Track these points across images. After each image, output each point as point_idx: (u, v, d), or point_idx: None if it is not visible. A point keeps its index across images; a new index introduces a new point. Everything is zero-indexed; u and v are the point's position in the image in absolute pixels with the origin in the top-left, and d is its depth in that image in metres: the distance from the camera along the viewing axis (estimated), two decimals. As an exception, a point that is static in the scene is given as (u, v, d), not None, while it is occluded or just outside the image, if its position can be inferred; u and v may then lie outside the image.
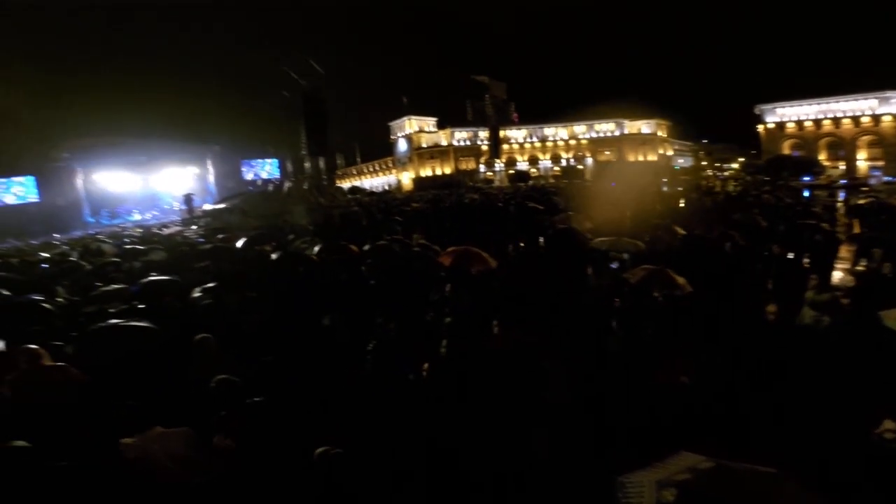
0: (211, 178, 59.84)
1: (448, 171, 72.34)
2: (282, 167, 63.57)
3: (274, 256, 8.85)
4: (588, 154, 74.10)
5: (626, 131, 74.92)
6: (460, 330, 4.90)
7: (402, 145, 73.50)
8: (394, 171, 74.92)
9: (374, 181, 75.44)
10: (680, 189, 26.11)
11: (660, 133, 77.13)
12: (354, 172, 77.66)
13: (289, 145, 62.05)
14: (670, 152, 79.27)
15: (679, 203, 17.56)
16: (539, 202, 15.47)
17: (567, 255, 6.43)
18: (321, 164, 56.00)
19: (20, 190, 53.44)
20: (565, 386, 3.79)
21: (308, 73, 58.82)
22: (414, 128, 72.45)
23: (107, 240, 19.97)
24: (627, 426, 3.46)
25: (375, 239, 10.20)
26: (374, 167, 78.49)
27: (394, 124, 74.35)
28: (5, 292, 8.90)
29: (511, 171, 69.13)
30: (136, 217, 49.19)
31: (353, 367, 4.44)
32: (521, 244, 7.70)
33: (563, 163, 74.80)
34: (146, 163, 53.98)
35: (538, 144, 77.45)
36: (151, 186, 55.37)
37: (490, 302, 5.17)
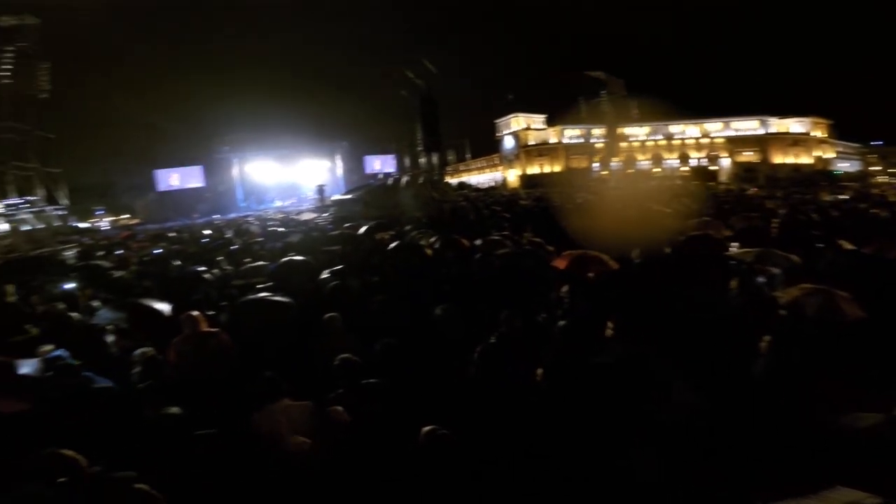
0: (339, 171, 66.56)
1: (557, 169, 70.09)
2: (399, 162, 67.43)
3: (392, 245, 9.33)
4: (724, 154, 66.21)
5: (771, 130, 65.37)
6: (575, 334, 4.66)
7: (509, 142, 72.88)
8: (500, 168, 74.73)
9: (481, 178, 76.04)
10: (843, 197, 22.05)
11: (816, 133, 65.90)
12: (461, 169, 79.08)
13: (406, 142, 65.40)
14: (830, 154, 67.33)
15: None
16: (666, 205, 14.16)
17: (702, 264, 5.75)
18: (434, 159, 58.14)
19: (192, 178, 64.64)
20: (686, 405, 3.40)
21: (423, 74, 61.48)
22: (521, 125, 71.31)
23: (254, 222, 23.10)
24: (765, 454, 2.98)
25: (483, 234, 10.23)
26: (480, 164, 79.14)
27: (500, 122, 73.80)
28: (177, 262, 10.69)
29: (629, 171, 64.62)
30: (278, 203, 56.16)
31: (463, 359, 4.46)
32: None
33: (693, 163, 67.80)
34: (287, 156, 62.45)
35: (663, 142, 71.28)
36: (291, 177, 63.38)
37: (609, 307, 4.83)
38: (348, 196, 35.14)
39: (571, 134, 72.72)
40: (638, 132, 72.40)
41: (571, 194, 21.78)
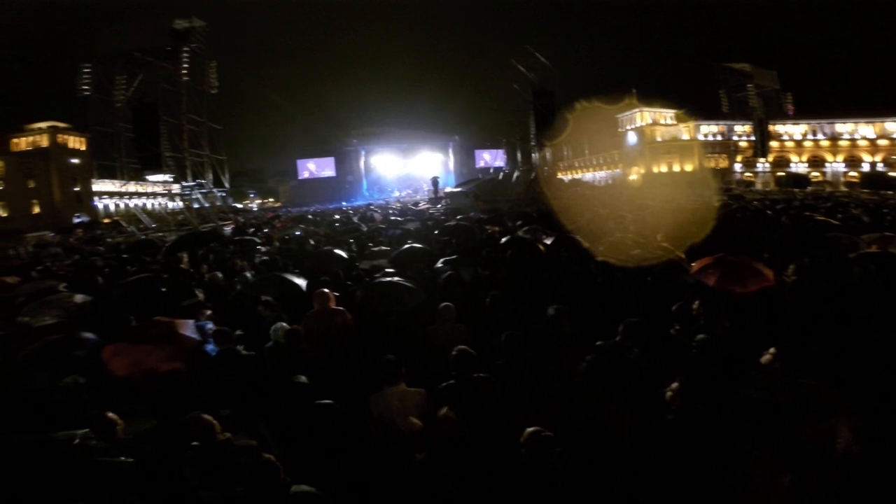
0: (451, 164, 68.85)
1: (689, 168, 63.44)
2: (510, 157, 67.13)
3: (503, 240, 9.27)
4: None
5: None
6: (715, 353, 4.14)
7: (632, 138, 67.60)
8: (620, 165, 69.83)
9: (598, 175, 71.93)
10: None
11: None
12: (577, 165, 75.53)
13: (519, 136, 64.64)
14: None
15: None
16: (829, 215, 12.00)
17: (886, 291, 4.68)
18: (548, 155, 56.59)
19: (325, 168, 72.32)
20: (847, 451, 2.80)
21: (536, 67, 59.96)
22: (646, 120, 65.62)
23: (376, 209, 24.85)
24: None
25: (600, 234, 9.64)
26: (598, 160, 74.75)
27: (622, 117, 68.67)
28: (312, 242, 11.84)
29: (780, 173, 56.10)
30: (396, 194, 59.81)
31: (573, 363, 4.22)
32: (806, 265, 6.00)
33: (866, 167, 56.54)
34: (406, 149, 66.73)
35: (825, 143, 60.61)
36: (409, 169, 67.30)
37: (758, 328, 4.20)
38: (459, 189, 35.86)
39: (708, 130, 65.30)
40: (793, 130, 62.46)
41: (708, 196, 19.53)
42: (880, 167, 54.87)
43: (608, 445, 3.20)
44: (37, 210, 51.36)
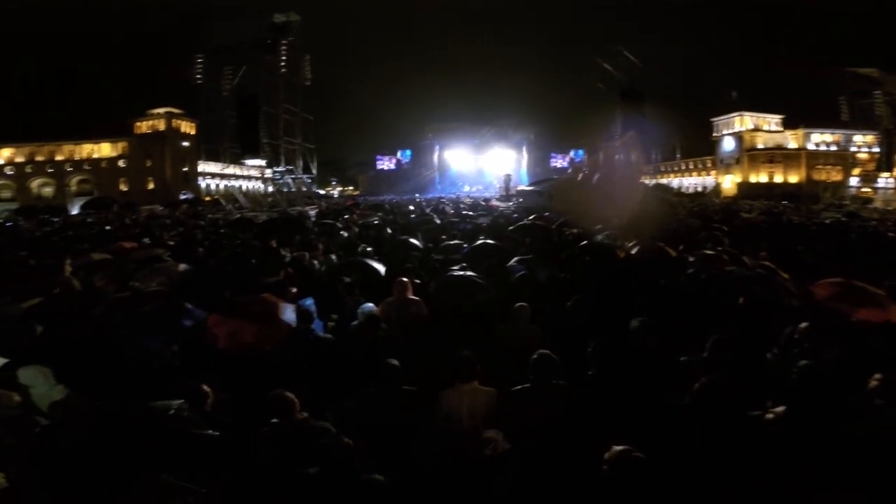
0: (525, 163, 67.99)
1: (795, 179, 57.22)
2: (590, 158, 64.81)
3: (583, 243, 8.92)
4: None
5: None
6: (819, 382, 3.69)
7: (729, 144, 62.09)
8: (713, 172, 64.49)
9: (686, 181, 66.96)
10: None
11: None
12: (664, 169, 70.81)
13: (601, 137, 62.03)
14: None
15: None
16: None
17: None
18: (633, 157, 53.81)
19: (402, 159, 75.00)
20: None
21: (625, 67, 56.89)
22: (747, 125, 59.88)
23: (448, 203, 25.12)
24: None
25: (689, 246, 8.93)
26: (687, 165, 69.47)
27: (718, 120, 63.30)
28: (389, 231, 12.20)
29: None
30: (466, 189, 60.10)
31: (660, 381, 3.94)
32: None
33: None
34: (479, 146, 66.75)
35: (975, 156, 51.87)
36: (480, 165, 67.32)
37: (873, 361, 3.67)
38: (533, 188, 35.07)
39: (820, 139, 58.40)
40: (932, 140, 54.05)
41: (817, 212, 17.49)
42: None
43: (696, 469, 2.97)
44: (151, 186, 57.99)
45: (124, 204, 44.47)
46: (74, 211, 48.35)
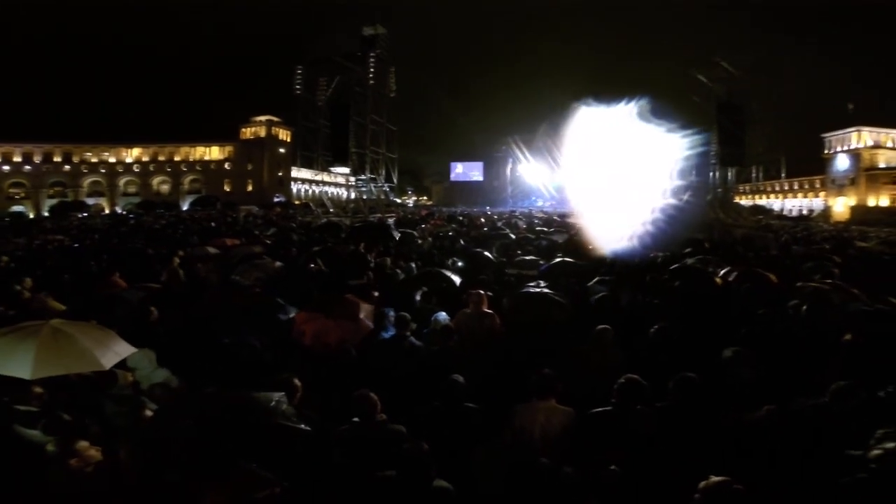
0: (606, 178, 65.62)
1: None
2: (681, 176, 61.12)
3: (673, 266, 8.40)
4: None
5: None
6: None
7: (843, 163, 55.10)
8: (822, 193, 57.50)
9: (789, 203, 60.34)
10: None
11: None
12: (766, 189, 64.41)
13: (697, 153, 58.36)
14: None
15: None
16: None
17: None
18: (730, 175, 50.03)
19: (474, 172, 75.41)
20: None
21: (723, 78, 52.65)
22: (865, 142, 52.76)
23: (521, 217, 24.87)
24: None
25: (793, 276, 8.04)
26: (792, 185, 62.47)
27: (831, 136, 56.42)
28: (462, 242, 12.37)
29: None
30: (539, 203, 59.15)
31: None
32: None
33: None
34: (554, 159, 65.87)
35: None
36: (555, 180, 66.14)
37: None
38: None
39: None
40: None
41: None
42: None
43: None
44: (250, 188, 63.77)
45: (226, 203, 49.56)
46: (185, 207, 54.69)
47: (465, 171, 75.71)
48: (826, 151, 57.28)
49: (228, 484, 2.45)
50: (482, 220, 23.80)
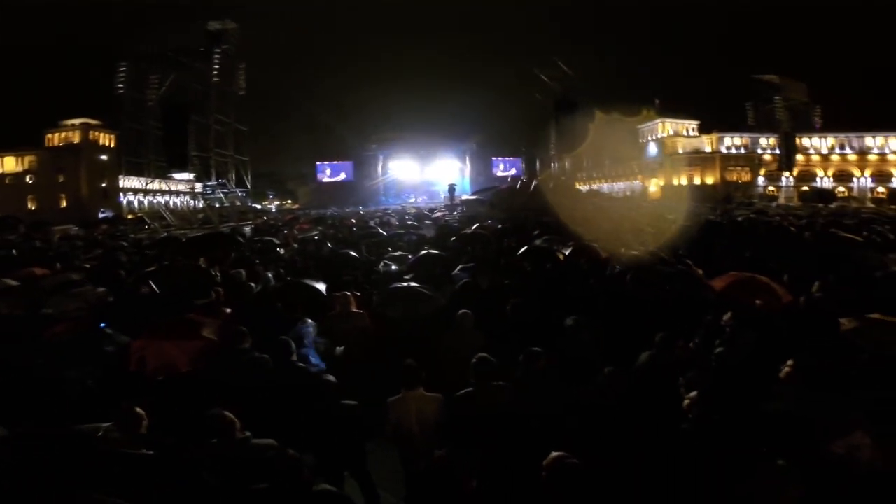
0: (468, 171, 69.21)
1: (710, 181, 62.44)
2: (528, 165, 67.22)
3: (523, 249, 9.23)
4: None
5: None
6: (736, 366, 4.08)
7: (652, 150, 66.78)
8: (639, 176, 68.96)
9: (616, 186, 71.11)
10: None
11: None
12: (596, 176, 74.80)
13: (538, 145, 64.71)
14: None
15: None
16: (853, 232, 11.67)
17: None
18: (567, 164, 56.68)
19: (344, 172, 73.52)
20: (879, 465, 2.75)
21: (559, 77, 59.77)
22: (668, 131, 64.78)
23: (393, 214, 24.99)
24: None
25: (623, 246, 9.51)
26: (617, 171, 73.83)
27: (643, 127, 67.90)
28: (329, 245, 11.96)
29: (805, 188, 54.95)
30: (412, 199, 60.19)
31: (593, 376, 4.16)
32: (829, 281, 5.85)
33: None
34: (424, 156, 67.27)
35: (852, 157, 59.21)
36: (425, 176, 67.80)
37: (784, 343, 4.13)
38: (476, 196, 35.81)
39: (731, 143, 64.26)
40: (820, 144, 61.15)
41: (730, 210, 19.16)
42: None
43: (625, 456, 3.15)
44: (64, 204, 52.97)
45: (32, 224, 40.03)
46: (-29, 235, 43.06)
47: (334, 171, 73.11)
48: (640, 141, 68.62)
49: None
50: (353, 220, 23.33)
